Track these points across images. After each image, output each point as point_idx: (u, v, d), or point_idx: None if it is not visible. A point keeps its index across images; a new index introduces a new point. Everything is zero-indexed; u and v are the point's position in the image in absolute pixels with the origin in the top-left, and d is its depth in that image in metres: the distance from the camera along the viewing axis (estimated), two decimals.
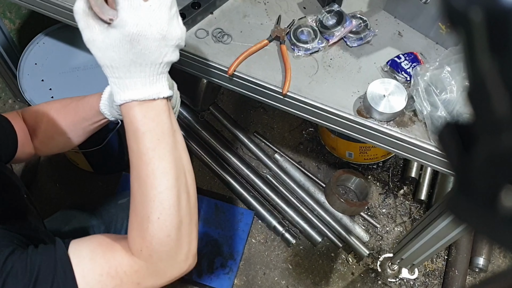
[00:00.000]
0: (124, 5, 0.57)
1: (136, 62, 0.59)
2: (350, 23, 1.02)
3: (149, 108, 0.62)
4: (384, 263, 1.70)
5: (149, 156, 0.62)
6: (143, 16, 0.57)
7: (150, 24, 0.58)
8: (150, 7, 0.58)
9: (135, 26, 0.57)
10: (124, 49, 0.58)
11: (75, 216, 1.23)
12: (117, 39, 0.58)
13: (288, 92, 0.98)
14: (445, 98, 0.89)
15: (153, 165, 0.62)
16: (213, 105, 1.98)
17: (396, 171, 1.91)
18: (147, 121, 0.62)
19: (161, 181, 0.63)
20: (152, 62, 0.60)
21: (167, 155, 0.63)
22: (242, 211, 1.75)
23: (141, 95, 0.61)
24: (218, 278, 1.63)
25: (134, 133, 0.62)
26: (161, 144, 0.63)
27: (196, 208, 0.69)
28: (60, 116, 0.90)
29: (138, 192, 0.64)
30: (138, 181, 0.64)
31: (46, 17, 1.17)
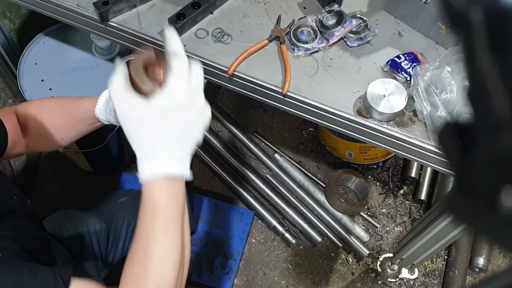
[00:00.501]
0: (178, 72, 0.60)
1: (171, 136, 0.60)
2: (350, 23, 1.02)
3: (173, 187, 0.62)
4: (384, 263, 1.70)
5: (161, 233, 0.63)
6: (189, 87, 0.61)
7: (193, 97, 0.61)
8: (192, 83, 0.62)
9: (184, 94, 0.60)
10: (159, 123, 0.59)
11: (76, 214, 1.23)
12: (162, 108, 0.59)
13: (288, 92, 0.98)
14: (445, 98, 0.89)
15: (163, 242, 0.63)
16: (213, 105, 1.98)
17: (396, 171, 1.91)
18: (169, 200, 0.62)
19: (167, 258, 0.63)
20: (187, 139, 0.62)
21: (177, 234, 0.64)
22: (242, 211, 1.75)
23: (171, 173, 0.61)
24: (218, 278, 1.63)
25: (152, 209, 0.63)
26: (173, 222, 0.64)
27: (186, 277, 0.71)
28: (54, 116, 0.90)
29: (141, 262, 0.64)
30: (144, 253, 0.64)
31: (46, 17, 1.17)
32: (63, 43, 1.59)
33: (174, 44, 0.62)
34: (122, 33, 1.06)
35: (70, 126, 0.90)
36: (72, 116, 0.89)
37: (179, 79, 0.60)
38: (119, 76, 0.61)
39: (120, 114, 0.60)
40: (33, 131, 0.90)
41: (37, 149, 0.95)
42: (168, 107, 0.59)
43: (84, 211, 1.24)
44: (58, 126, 0.90)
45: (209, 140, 1.90)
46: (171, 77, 0.60)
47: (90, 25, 1.10)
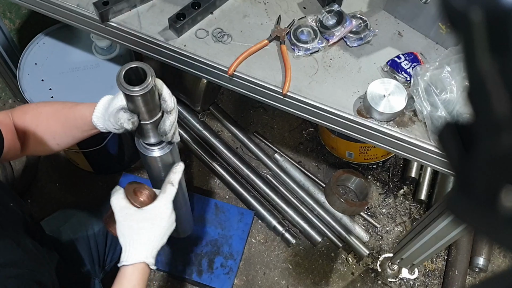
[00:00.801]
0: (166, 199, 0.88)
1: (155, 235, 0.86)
2: (350, 23, 1.02)
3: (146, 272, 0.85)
4: (384, 263, 1.70)
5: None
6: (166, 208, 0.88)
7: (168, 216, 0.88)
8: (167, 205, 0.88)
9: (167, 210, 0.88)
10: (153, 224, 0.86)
11: (75, 214, 1.23)
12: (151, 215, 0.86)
13: (288, 92, 0.98)
14: (445, 98, 0.89)
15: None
16: (213, 105, 1.98)
17: (396, 171, 1.91)
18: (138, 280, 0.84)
19: None
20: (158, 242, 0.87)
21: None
22: (242, 211, 1.75)
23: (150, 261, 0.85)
24: (218, 278, 1.63)
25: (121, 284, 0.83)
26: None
27: None
28: (51, 122, 0.89)
29: None
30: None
31: (46, 17, 1.17)
32: (63, 43, 1.58)
33: (175, 178, 0.90)
34: (122, 33, 1.06)
35: (66, 132, 0.89)
36: (68, 122, 0.88)
37: (168, 199, 0.87)
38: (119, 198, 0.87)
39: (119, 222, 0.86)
40: (28, 136, 0.89)
41: (32, 153, 0.95)
42: (155, 215, 0.86)
43: (82, 212, 1.24)
44: (54, 131, 0.89)
45: (209, 140, 1.90)
46: (163, 197, 0.87)
47: (90, 25, 1.10)
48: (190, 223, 1.40)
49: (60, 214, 1.24)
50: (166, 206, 0.87)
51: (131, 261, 0.83)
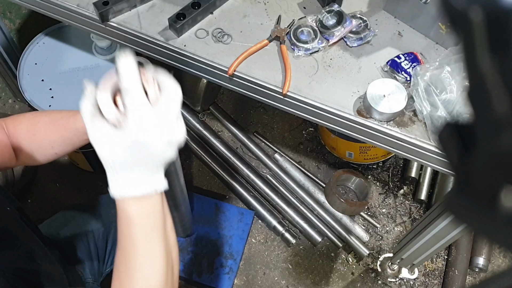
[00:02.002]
0: (133, 113, 0.58)
1: (139, 163, 0.60)
2: (350, 23, 1.02)
3: (144, 203, 0.62)
4: (384, 263, 1.70)
5: (140, 243, 0.64)
6: (152, 123, 0.58)
7: (158, 132, 0.59)
8: (159, 115, 0.59)
9: (144, 135, 0.58)
10: (130, 154, 0.59)
11: (74, 218, 1.22)
12: (124, 143, 0.58)
13: (288, 92, 0.98)
14: (445, 98, 0.89)
15: (144, 252, 0.64)
16: (213, 105, 1.98)
17: (396, 171, 1.91)
18: (142, 215, 0.63)
19: (151, 265, 0.64)
20: (155, 162, 0.61)
21: (158, 242, 0.65)
22: (242, 211, 1.75)
23: (139, 193, 0.61)
24: (218, 278, 1.63)
25: (127, 223, 0.63)
26: (152, 232, 0.64)
27: (178, 279, 0.71)
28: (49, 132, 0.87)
29: (124, 272, 0.65)
30: (125, 263, 0.65)
31: (46, 17, 1.17)
32: (63, 43, 1.59)
33: (125, 80, 0.58)
34: (122, 33, 1.06)
35: (65, 141, 0.87)
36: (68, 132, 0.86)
37: (135, 117, 0.58)
38: (87, 102, 0.60)
39: (90, 138, 0.61)
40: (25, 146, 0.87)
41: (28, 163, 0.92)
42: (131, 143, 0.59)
43: (82, 214, 1.24)
44: (52, 141, 0.87)
45: (209, 140, 1.90)
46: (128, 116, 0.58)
47: (90, 25, 1.10)
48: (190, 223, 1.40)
49: (60, 217, 1.24)
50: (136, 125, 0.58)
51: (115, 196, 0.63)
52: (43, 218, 1.25)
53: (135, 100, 0.58)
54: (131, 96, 0.58)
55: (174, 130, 0.61)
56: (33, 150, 0.88)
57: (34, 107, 1.47)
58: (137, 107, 0.58)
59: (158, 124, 0.59)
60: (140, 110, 0.58)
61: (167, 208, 0.68)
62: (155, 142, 0.59)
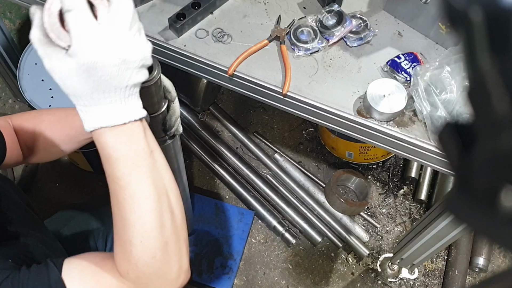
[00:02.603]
0: (75, 32, 0.52)
1: (98, 89, 0.55)
2: (350, 23, 1.02)
3: (120, 133, 0.58)
4: (384, 263, 1.70)
5: (125, 181, 0.60)
6: (98, 42, 0.53)
7: (106, 50, 0.53)
8: (106, 31, 0.53)
9: (89, 55, 0.53)
10: (82, 78, 0.54)
11: (74, 217, 1.22)
12: (74, 68, 0.54)
13: (288, 92, 0.98)
14: (445, 98, 0.89)
15: (131, 190, 0.60)
16: (213, 105, 1.98)
17: (396, 171, 1.91)
18: (120, 146, 0.59)
19: (140, 205, 0.61)
20: (116, 87, 0.56)
21: (144, 178, 0.61)
22: (242, 211, 1.75)
23: (109, 122, 0.57)
24: (218, 278, 1.63)
25: (107, 159, 0.60)
26: (136, 167, 0.60)
27: (184, 225, 0.68)
28: (54, 130, 0.87)
29: (118, 217, 0.63)
30: (117, 206, 0.62)
31: None
32: None
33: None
34: None
35: (71, 139, 0.88)
36: (73, 129, 0.87)
37: (79, 36, 0.52)
38: (35, 30, 0.54)
39: (46, 68, 0.56)
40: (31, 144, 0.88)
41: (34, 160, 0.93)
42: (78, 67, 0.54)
43: (82, 214, 1.24)
44: (58, 139, 0.87)
45: (209, 140, 1.90)
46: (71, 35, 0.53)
47: None
48: (190, 222, 1.40)
49: (60, 217, 1.24)
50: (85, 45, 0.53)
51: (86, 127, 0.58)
52: (43, 218, 1.24)
53: (76, 17, 0.52)
54: (72, 14, 0.52)
55: (129, 47, 0.55)
56: (38, 148, 0.88)
57: (34, 107, 1.47)
58: (79, 24, 0.52)
59: (106, 41, 0.53)
60: (82, 27, 0.52)
61: (154, 143, 0.64)
62: (104, 62, 0.54)
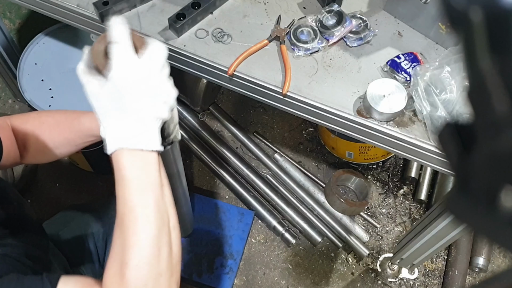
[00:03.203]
0: (116, 60, 0.60)
1: (126, 112, 0.62)
2: (350, 23, 1.02)
3: (137, 158, 0.64)
4: (384, 263, 1.70)
5: (133, 203, 0.63)
6: (133, 71, 0.61)
7: (139, 79, 0.61)
8: (141, 63, 0.61)
9: (124, 80, 0.60)
10: (114, 98, 0.61)
11: (74, 218, 1.22)
12: (109, 90, 0.61)
13: (288, 92, 0.98)
14: (444, 98, 0.89)
15: (137, 212, 0.63)
16: (213, 105, 1.98)
17: (396, 171, 1.91)
18: (135, 170, 0.64)
19: (143, 228, 0.63)
20: (143, 116, 0.62)
21: (152, 205, 0.64)
22: (242, 211, 1.75)
23: (130, 144, 0.63)
24: (218, 278, 1.63)
25: (121, 180, 0.64)
26: (146, 193, 0.64)
27: (179, 267, 0.70)
28: (53, 133, 0.88)
29: (119, 238, 0.65)
30: (120, 227, 0.65)
31: (46, 17, 1.17)
32: (63, 43, 1.58)
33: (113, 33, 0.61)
34: None
35: (70, 142, 0.89)
36: (72, 133, 0.87)
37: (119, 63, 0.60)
38: (81, 62, 0.63)
39: (86, 92, 0.63)
40: (29, 145, 0.88)
41: (32, 161, 0.93)
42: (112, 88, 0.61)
43: (82, 215, 1.24)
44: (57, 142, 0.88)
45: (209, 140, 1.90)
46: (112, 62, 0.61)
47: (90, 25, 1.10)
48: (191, 222, 1.40)
49: (60, 218, 1.24)
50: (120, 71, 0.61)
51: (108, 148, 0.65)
52: (43, 219, 1.24)
53: (120, 49, 0.60)
54: (117, 45, 0.60)
55: (159, 85, 0.63)
56: (37, 150, 0.89)
57: (34, 107, 1.47)
58: (120, 55, 0.60)
59: (141, 74, 0.61)
60: (123, 58, 0.60)
61: (166, 179, 0.69)
62: (136, 90, 0.61)
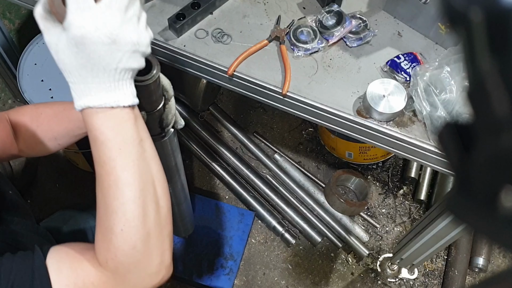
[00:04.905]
0: (71, 6, 0.54)
1: (86, 66, 0.56)
2: (350, 23, 1.02)
3: (107, 117, 0.58)
4: (383, 263, 1.70)
5: (110, 165, 0.60)
6: (90, 18, 0.54)
7: (97, 27, 0.54)
8: (99, 9, 0.54)
9: (79, 29, 0.53)
10: (72, 52, 0.55)
11: (73, 216, 1.23)
12: (65, 42, 0.55)
13: (288, 92, 0.98)
14: (444, 98, 0.89)
15: (115, 176, 0.60)
16: (213, 105, 1.98)
17: (395, 171, 1.91)
18: (106, 130, 0.59)
19: (123, 192, 0.60)
20: (105, 68, 0.56)
21: (130, 165, 0.60)
22: (242, 211, 1.75)
23: (95, 102, 0.57)
24: (218, 279, 1.63)
25: (94, 142, 0.60)
26: (122, 153, 0.60)
27: (169, 219, 0.66)
28: (52, 123, 0.87)
29: (101, 202, 0.62)
30: (101, 191, 0.62)
31: None
32: None
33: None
34: None
35: (68, 132, 0.88)
36: (71, 123, 0.87)
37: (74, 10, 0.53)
38: (38, 6, 0.57)
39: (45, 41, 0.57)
40: (28, 137, 0.88)
41: (31, 154, 0.93)
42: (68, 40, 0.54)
43: (81, 213, 1.24)
44: (55, 132, 0.88)
45: (209, 140, 1.90)
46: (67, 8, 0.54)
47: None
48: (191, 222, 1.40)
49: (59, 216, 1.24)
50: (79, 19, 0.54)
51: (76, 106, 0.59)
52: (42, 219, 1.25)
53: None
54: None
55: (121, 29, 0.55)
56: (36, 142, 0.88)
57: None
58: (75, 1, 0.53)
59: (98, 19, 0.54)
60: (77, 3, 0.53)
61: (145, 132, 0.64)
62: (94, 39, 0.54)
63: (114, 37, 0.55)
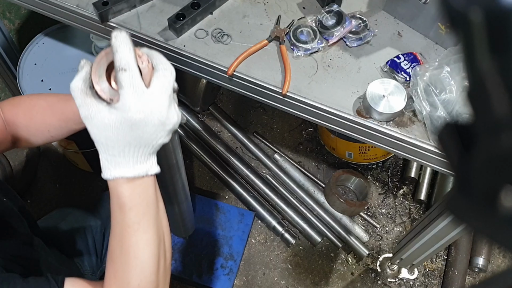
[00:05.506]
0: (128, 90, 0.57)
1: (131, 143, 0.59)
2: (350, 23, 1.02)
3: (136, 185, 0.62)
4: (383, 263, 1.70)
5: (133, 228, 0.63)
6: (146, 102, 0.58)
7: (152, 112, 0.58)
8: (153, 94, 0.58)
9: (138, 113, 0.57)
10: (122, 132, 0.58)
11: (72, 213, 1.23)
12: (117, 122, 0.58)
13: (288, 92, 0.98)
14: (444, 98, 0.89)
15: (137, 237, 0.64)
16: (213, 105, 1.98)
17: (395, 171, 1.91)
18: (134, 197, 0.62)
19: (144, 252, 0.64)
20: (147, 144, 0.60)
21: (151, 227, 0.65)
22: (242, 212, 1.75)
23: (131, 173, 0.61)
24: (218, 279, 1.63)
25: (120, 207, 0.63)
26: (145, 217, 0.64)
27: (170, 265, 0.72)
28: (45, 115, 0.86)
29: (119, 258, 0.65)
30: (120, 250, 0.65)
31: (46, 17, 1.17)
32: (63, 43, 1.58)
33: (120, 56, 0.58)
34: None
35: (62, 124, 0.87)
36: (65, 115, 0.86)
37: (129, 95, 0.57)
38: (78, 78, 0.60)
39: (82, 116, 0.60)
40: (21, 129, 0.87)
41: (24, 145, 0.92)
42: (123, 121, 0.58)
43: (80, 210, 1.24)
44: (49, 124, 0.87)
45: (208, 140, 1.90)
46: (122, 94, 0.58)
47: (90, 26, 1.10)
48: (191, 221, 1.40)
49: (57, 213, 1.24)
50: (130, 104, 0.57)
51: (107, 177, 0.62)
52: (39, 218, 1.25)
53: (130, 78, 0.57)
54: (126, 74, 0.57)
55: (167, 112, 0.60)
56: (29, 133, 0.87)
57: None
58: (132, 85, 0.57)
59: (152, 103, 0.58)
60: (134, 88, 0.57)
61: (159, 193, 0.69)
62: (148, 122, 0.58)
63: (164, 119, 0.60)
